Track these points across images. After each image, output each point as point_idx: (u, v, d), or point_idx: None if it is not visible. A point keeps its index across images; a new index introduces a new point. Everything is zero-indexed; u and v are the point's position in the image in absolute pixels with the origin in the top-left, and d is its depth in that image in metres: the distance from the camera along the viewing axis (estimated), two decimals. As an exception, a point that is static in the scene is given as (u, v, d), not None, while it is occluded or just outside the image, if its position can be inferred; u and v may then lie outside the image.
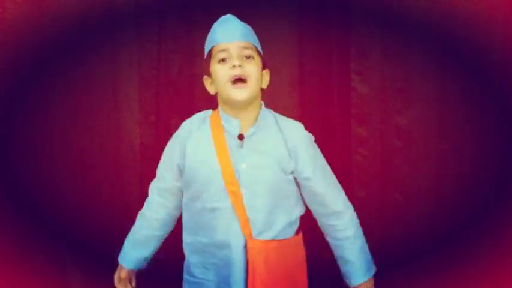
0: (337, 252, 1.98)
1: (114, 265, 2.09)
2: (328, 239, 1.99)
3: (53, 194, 2.51)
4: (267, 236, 1.86)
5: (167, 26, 2.49)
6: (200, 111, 2.01)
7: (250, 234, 1.85)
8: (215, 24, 1.91)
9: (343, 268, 1.98)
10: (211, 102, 2.01)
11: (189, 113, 2.43)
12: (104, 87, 2.51)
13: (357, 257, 1.96)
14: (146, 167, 2.52)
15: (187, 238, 1.97)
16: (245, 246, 1.85)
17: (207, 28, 1.91)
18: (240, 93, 1.82)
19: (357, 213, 1.98)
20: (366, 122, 2.43)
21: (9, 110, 2.44)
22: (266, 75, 1.93)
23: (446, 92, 2.36)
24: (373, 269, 2.00)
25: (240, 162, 1.86)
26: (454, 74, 2.34)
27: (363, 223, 2.28)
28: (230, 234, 1.86)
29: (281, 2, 2.43)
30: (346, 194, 1.99)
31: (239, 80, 1.82)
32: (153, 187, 2.04)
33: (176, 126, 2.03)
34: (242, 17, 1.91)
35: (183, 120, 2.02)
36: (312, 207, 1.97)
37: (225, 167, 1.85)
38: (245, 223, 1.85)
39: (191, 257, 1.96)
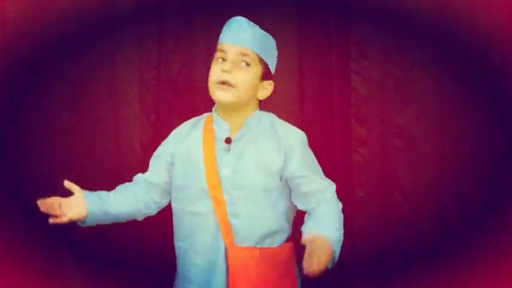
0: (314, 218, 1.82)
1: (114, 265, 2.09)
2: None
3: (53, 194, 2.50)
4: (248, 243, 1.80)
5: (167, 26, 2.49)
6: (200, 111, 2.00)
7: (232, 241, 1.80)
8: (227, 21, 1.86)
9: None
10: (211, 102, 2.01)
11: (189, 113, 2.43)
12: (103, 87, 2.51)
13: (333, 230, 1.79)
14: (146, 167, 2.52)
15: (175, 244, 1.93)
16: (226, 253, 1.80)
17: (207, 28, 1.91)
18: (223, 95, 1.79)
19: (357, 213, 1.98)
20: (366, 122, 2.43)
21: (8, 110, 2.44)
22: (268, 86, 1.86)
23: (446, 92, 2.36)
24: (336, 256, 1.76)
25: (224, 167, 1.82)
26: (454, 74, 2.34)
27: (363, 223, 2.29)
28: (211, 240, 1.81)
29: (281, 2, 2.43)
30: (346, 193, 1.98)
31: (225, 83, 1.78)
32: (140, 177, 2.02)
33: (176, 127, 2.02)
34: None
35: (183, 120, 2.02)
36: (301, 206, 1.88)
37: (210, 170, 1.82)
38: (227, 229, 1.80)
39: (177, 263, 1.92)
